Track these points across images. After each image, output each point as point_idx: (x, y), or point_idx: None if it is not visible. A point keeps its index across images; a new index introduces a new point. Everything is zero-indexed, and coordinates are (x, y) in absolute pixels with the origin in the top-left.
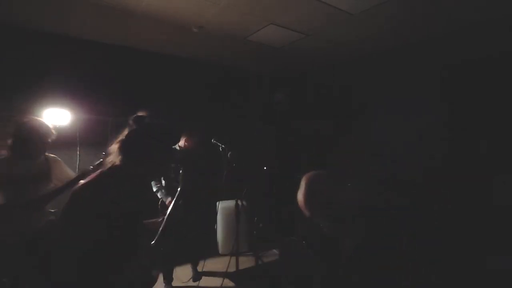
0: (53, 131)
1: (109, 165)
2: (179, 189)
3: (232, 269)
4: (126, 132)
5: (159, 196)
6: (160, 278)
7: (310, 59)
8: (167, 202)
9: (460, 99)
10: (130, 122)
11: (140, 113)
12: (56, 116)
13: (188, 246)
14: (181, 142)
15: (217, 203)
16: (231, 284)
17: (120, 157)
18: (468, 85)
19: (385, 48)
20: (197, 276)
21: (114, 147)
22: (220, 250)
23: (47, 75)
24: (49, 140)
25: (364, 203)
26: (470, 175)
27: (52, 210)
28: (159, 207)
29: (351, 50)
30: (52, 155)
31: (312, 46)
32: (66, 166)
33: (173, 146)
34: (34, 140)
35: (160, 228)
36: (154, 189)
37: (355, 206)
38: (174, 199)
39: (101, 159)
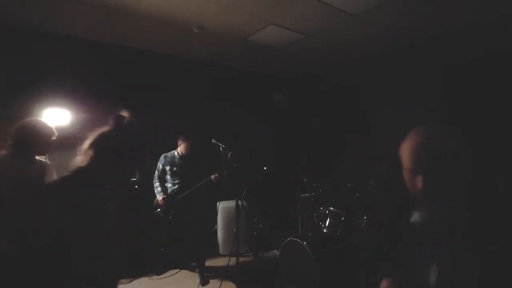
0: (55, 131)
1: (77, 165)
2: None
3: (232, 269)
4: (101, 130)
5: (156, 193)
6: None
7: (310, 59)
8: (160, 199)
9: (460, 99)
10: (110, 120)
11: (121, 113)
12: (56, 116)
13: (194, 249)
14: (181, 148)
15: (217, 203)
16: (231, 284)
17: (90, 155)
18: (469, 85)
19: (385, 48)
20: (205, 280)
21: (85, 145)
22: (220, 251)
23: (47, 75)
24: (52, 140)
25: None
26: (471, 174)
27: None
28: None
29: (351, 50)
30: (45, 160)
31: (312, 46)
32: (54, 172)
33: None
34: (36, 141)
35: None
36: (154, 186)
37: None
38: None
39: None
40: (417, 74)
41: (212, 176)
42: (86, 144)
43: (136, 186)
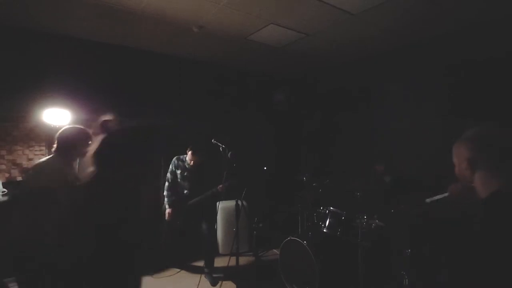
0: (92, 137)
1: (90, 176)
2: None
3: (232, 269)
4: (98, 140)
5: (165, 202)
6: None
7: (310, 59)
8: (167, 211)
9: (461, 100)
10: (99, 128)
11: (106, 117)
12: (56, 116)
13: (203, 250)
14: (188, 158)
15: (217, 203)
16: (231, 284)
17: (96, 168)
18: (469, 85)
19: (385, 48)
20: (213, 280)
21: (88, 158)
22: (220, 250)
23: (47, 75)
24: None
25: None
26: None
27: None
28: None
29: (352, 50)
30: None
31: (312, 46)
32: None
33: (150, 145)
34: (77, 147)
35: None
36: (165, 193)
37: None
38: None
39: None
40: (418, 75)
41: (219, 187)
42: (89, 157)
43: None
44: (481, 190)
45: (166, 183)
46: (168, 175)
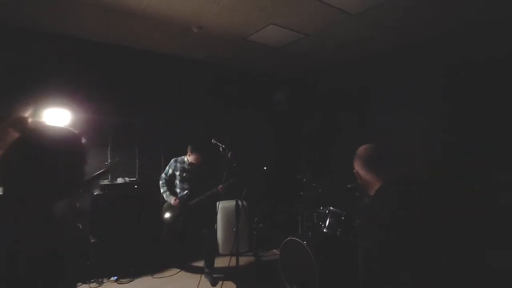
0: None
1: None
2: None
3: (232, 269)
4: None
5: (165, 198)
6: None
7: (310, 59)
8: (173, 201)
9: (461, 100)
10: (10, 125)
11: (21, 114)
12: (56, 116)
13: (203, 250)
14: (190, 158)
15: (217, 203)
16: (231, 284)
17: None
18: (469, 85)
19: (385, 48)
20: (213, 281)
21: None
22: (220, 250)
23: (47, 75)
24: None
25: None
26: (472, 175)
27: None
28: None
29: (351, 50)
30: None
31: (312, 46)
32: None
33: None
34: None
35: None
36: (162, 190)
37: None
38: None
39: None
40: (418, 75)
41: (219, 188)
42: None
43: (135, 186)
44: (370, 189)
45: (162, 182)
46: (163, 175)
